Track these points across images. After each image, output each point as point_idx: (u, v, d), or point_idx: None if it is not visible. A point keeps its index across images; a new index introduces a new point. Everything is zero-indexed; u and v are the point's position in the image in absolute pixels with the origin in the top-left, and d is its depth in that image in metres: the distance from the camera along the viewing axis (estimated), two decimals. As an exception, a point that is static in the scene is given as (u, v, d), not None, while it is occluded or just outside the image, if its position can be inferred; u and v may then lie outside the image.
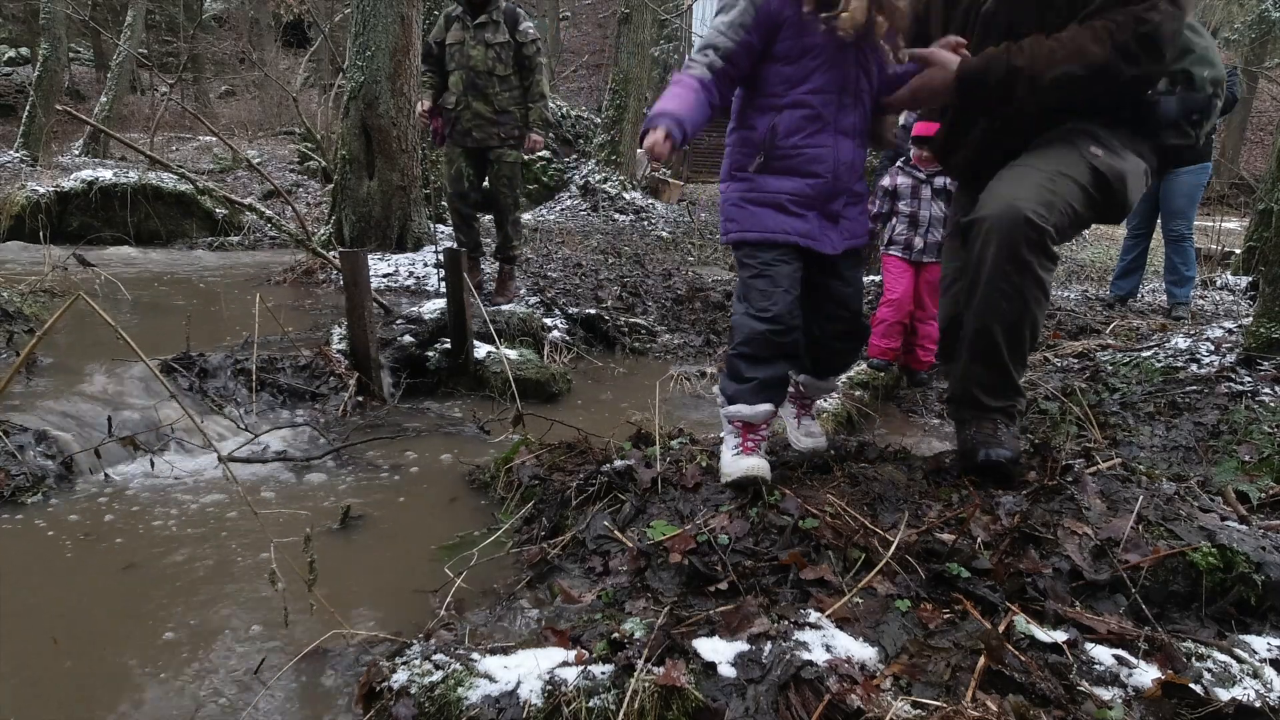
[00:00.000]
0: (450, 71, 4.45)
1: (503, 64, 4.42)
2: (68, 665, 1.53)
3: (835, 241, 1.85)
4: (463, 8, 4.40)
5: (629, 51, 12.00)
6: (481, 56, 4.37)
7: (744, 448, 1.85)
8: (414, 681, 1.30)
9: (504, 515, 2.19)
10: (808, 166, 1.78)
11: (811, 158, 1.78)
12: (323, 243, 5.85)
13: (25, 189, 6.90)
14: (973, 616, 1.38)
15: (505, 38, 4.40)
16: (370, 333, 3.32)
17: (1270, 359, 2.94)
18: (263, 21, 20.95)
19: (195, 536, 2.08)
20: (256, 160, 11.75)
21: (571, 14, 25.32)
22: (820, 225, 1.83)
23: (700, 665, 1.27)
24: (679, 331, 5.15)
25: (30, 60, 17.57)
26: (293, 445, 2.76)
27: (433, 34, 4.57)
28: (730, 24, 1.73)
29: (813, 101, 1.75)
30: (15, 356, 3.08)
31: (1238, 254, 7.78)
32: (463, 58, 4.39)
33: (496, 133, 4.49)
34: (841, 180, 1.81)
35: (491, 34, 4.38)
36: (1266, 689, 1.25)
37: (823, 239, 1.83)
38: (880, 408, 3.73)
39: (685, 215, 12.24)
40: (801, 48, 1.74)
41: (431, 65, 4.54)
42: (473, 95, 4.41)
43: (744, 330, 1.81)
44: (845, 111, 1.78)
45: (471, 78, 4.40)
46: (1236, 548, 1.53)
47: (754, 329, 1.78)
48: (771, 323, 1.77)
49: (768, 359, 1.80)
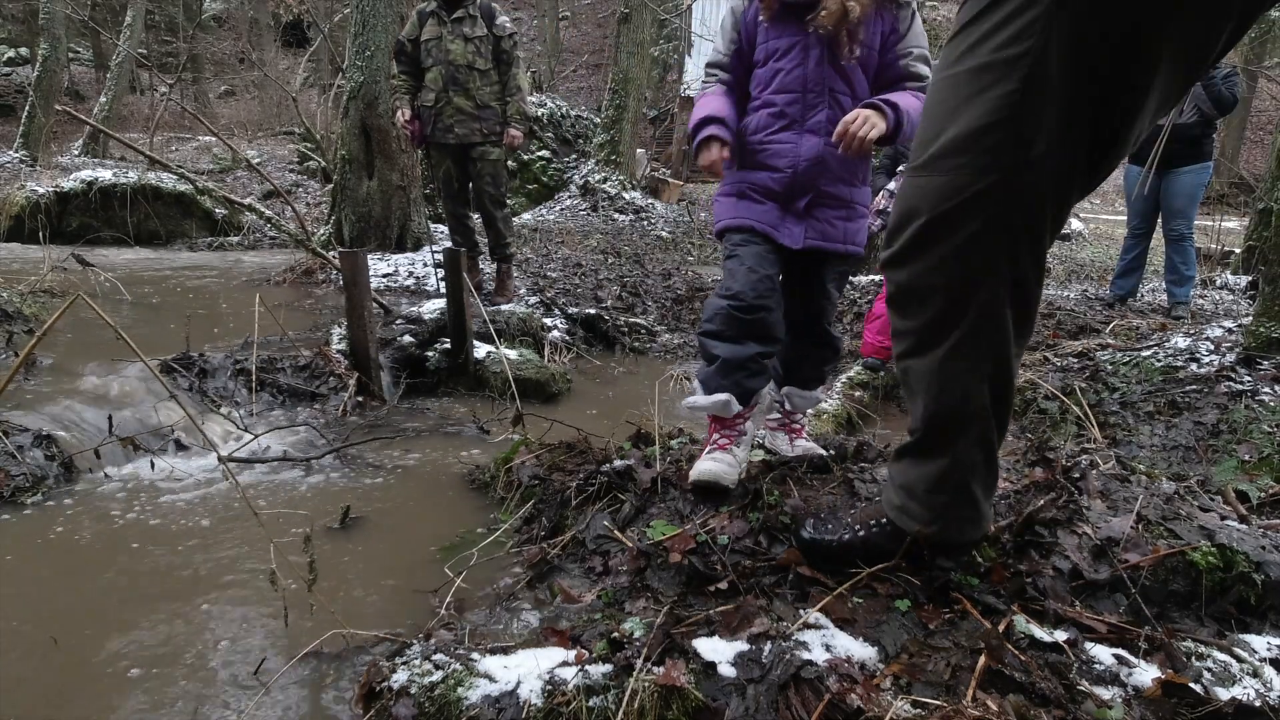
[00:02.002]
0: (427, 69, 4.40)
1: (482, 58, 4.38)
2: (67, 665, 1.53)
3: (795, 235, 1.85)
4: (438, 3, 4.37)
5: (628, 51, 11.99)
6: (461, 50, 4.33)
7: (718, 445, 1.86)
8: (414, 681, 1.30)
9: (504, 515, 2.19)
10: (770, 160, 1.85)
11: (774, 153, 1.85)
12: (322, 243, 5.85)
13: (25, 189, 6.90)
14: (973, 616, 1.38)
15: (484, 31, 4.37)
16: (370, 333, 3.32)
17: (1270, 358, 2.95)
18: (262, 21, 20.95)
19: (195, 536, 2.08)
20: (256, 160, 11.76)
21: (571, 14, 25.32)
22: (780, 216, 1.86)
23: (700, 665, 1.27)
24: (679, 331, 5.15)
25: (30, 60, 17.56)
26: (292, 445, 2.76)
27: (405, 31, 4.50)
28: (722, 40, 1.91)
29: (777, 100, 1.84)
30: (15, 356, 3.08)
31: (1237, 253, 7.79)
32: (441, 53, 4.35)
33: (479, 129, 4.43)
34: (805, 176, 1.83)
35: (469, 28, 4.35)
36: (1266, 688, 1.25)
37: (782, 229, 1.85)
38: (880, 408, 3.73)
39: (685, 215, 12.24)
40: (767, 51, 1.85)
41: (405, 64, 4.47)
42: (454, 90, 4.37)
43: (710, 308, 1.83)
44: (813, 110, 1.82)
45: (451, 72, 4.35)
46: (1236, 547, 1.53)
47: (718, 305, 1.81)
48: (733, 298, 1.78)
49: (731, 336, 1.80)
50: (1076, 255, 9.85)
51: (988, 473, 1.36)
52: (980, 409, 1.28)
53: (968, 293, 1.21)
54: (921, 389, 1.31)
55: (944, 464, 1.34)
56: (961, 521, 1.38)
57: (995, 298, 1.21)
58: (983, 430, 1.30)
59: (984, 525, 1.41)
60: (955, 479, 1.34)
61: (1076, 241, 11.47)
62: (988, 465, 1.35)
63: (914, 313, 1.28)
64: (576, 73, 22.39)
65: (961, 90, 1.16)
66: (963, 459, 1.32)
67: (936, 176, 1.19)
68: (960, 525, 1.38)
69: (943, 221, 1.19)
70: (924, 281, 1.24)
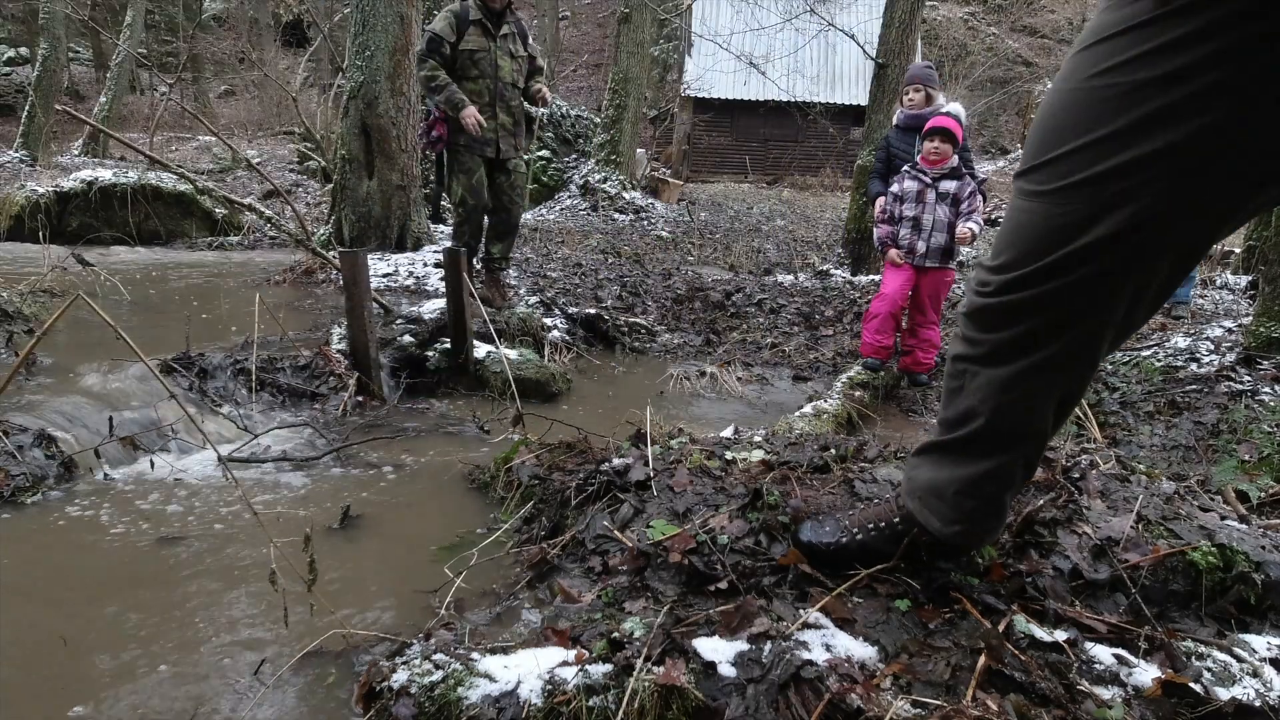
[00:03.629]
0: (471, 79, 4.34)
1: (521, 76, 4.47)
2: (67, 663, 1.53)
3: None
4: (483, 14, 4.34)
5: (628, 51, 11.99)
6: (509, 68, 4.38)
7: None
8: (414, 681, 1.30)
9: (504, 515, 2.19)
10: None
11: None
12: (322, 243, 5.85)
13: (25, 189, 6.90)
14: (972, 616, 1.38)
15: (524, 52, 4.45)
16: (370, 333, 3.32)
17: (1270, 358, 2.95)
18: (262, 21, 20.95)
19: (195, 537, 2.08)
20: (256, 160, 11.76)
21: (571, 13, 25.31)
22: None
23: (700, 665, 1.27)
24: (678, 331, 5.15)
25: (30, 60, 17.57)
26: (292, 445, 2.76)
27: (440, 29, 4.32)
28: None
29: None
30: (15, 356, 3.08)
31: (1237, 253, 7.78)
32: (490, 67, 4.33)
33: (515, 143, 4.51)
34: None
35: (514, 45, 4.39)
36: (1266, 688, 1.25)
37: None
38: (880, 408, 3.73)
39: (685, 215, 12.24)
40: None
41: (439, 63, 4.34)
42: (499, 106, 4.39)
43: None
44: None
45: (499, 89, 4.38)
46: (1236, 547, 1.53)
47: None
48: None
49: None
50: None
51: (1021, 484, 1.35)
52: (1040, 430, 1.25)
53: (1071, 323, 1.14)
54: (979, 397, 1.25)
55: (982, 471, 1.29)
56: (984, 528, 1.37)
57: (1097, 334, 1.15)
58: (1035, 448, 1.28)
59: (1000, 531, 1.41)
60: (990, 489, 1.31)
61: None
62: (1025, 478, 1.33)
63: (1000, 326, 1.19)
64: (576, 72, 22.39)
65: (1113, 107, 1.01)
66: (1004, 471, 1.29)
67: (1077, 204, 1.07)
68: (981, 532, 1.38)
69: (1082, 253, 1.08)
70: (1024, 303, 1.15)
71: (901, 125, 4.41)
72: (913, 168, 3.88)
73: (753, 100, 19.83)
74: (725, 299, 5.80)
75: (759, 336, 5.03)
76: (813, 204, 15.81)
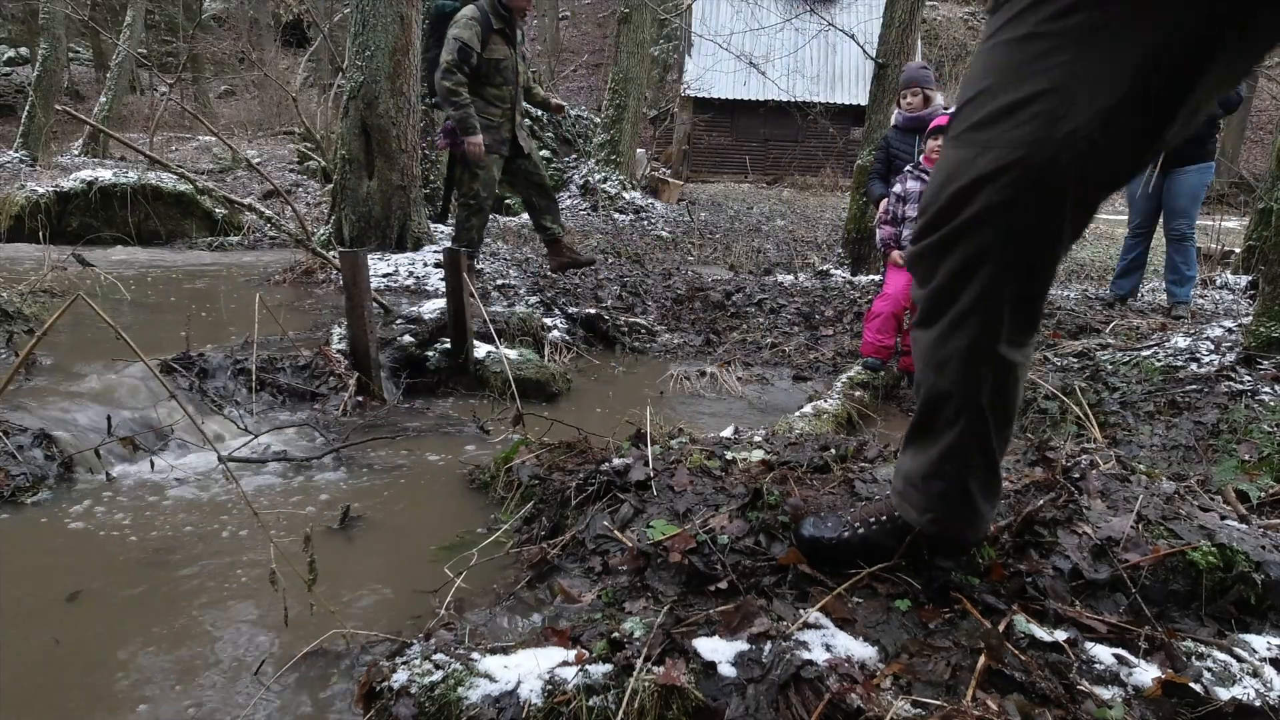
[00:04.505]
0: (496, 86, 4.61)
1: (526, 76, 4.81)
2: (67, 664, 1.53)
3: None
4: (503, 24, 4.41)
5: (628, 51, 11.99)
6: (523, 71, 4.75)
7: None
8: (414, 681, 1.30)
9: (504, 515, 2.19)
10: None
11: None
12: (322, 243, 5.85)
13: (25, 189, 6.89)
14: (973, 616, 1.38)
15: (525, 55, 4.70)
16: (370, 333, 3.32)
17: (1270, 358, 2.95)
18: (262, 21, 20.95)
19: (195, 536, 2.08)
20: (256, 160, 11.76)
21: (571, 13, 25.31)
22: None
23: (700, 665, 1.27)
24: (679, 331, 5.15)
25: (30, 60, 17.57)
26: (292, 445, 2.76)
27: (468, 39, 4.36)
28: None
29: None
30: (15, 356, 3.08)
31: (1238, 253, 7.78)
32: (512, 74, 4.63)
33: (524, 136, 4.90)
34: None
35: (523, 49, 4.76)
36: (1266, 688, 1.25)
37: None
38: (880, 408, 3.73)
39: (685, 215, 12.24)
40: None
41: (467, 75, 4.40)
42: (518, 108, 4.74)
43: None
44: None
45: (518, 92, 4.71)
46: (1236, 547, 1.53)
47: None
48: None
49: None
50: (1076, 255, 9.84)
51: (987, 475, 1.35)
52: (972, 396, 1.27)
53: (972, 268, 1.19)
54: (922, 362, 1.32)
55: (941, 449, 1.33)
56: (957, 518, 1.38)
57: (996, 280, 1.19)
58: (978, 426, 1.29)
59: (982, 528, 1.41)
60: (950, 469, 1.33)
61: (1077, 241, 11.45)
62: (987, 469, 1.34)
63: (923, 279, 1.27)
64: (576, 72, 22.39)
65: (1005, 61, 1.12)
66: (956, 450, 1.31)
67: (964, 149, 1.16)
68: (956, 522, 1.38)
69: (964, 193, 1.16)
70: (935, 251, 1.23)
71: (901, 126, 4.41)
72: (916, 168, 3.88)
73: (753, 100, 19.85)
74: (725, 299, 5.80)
75: (759, 336, 5.03)
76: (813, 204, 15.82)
